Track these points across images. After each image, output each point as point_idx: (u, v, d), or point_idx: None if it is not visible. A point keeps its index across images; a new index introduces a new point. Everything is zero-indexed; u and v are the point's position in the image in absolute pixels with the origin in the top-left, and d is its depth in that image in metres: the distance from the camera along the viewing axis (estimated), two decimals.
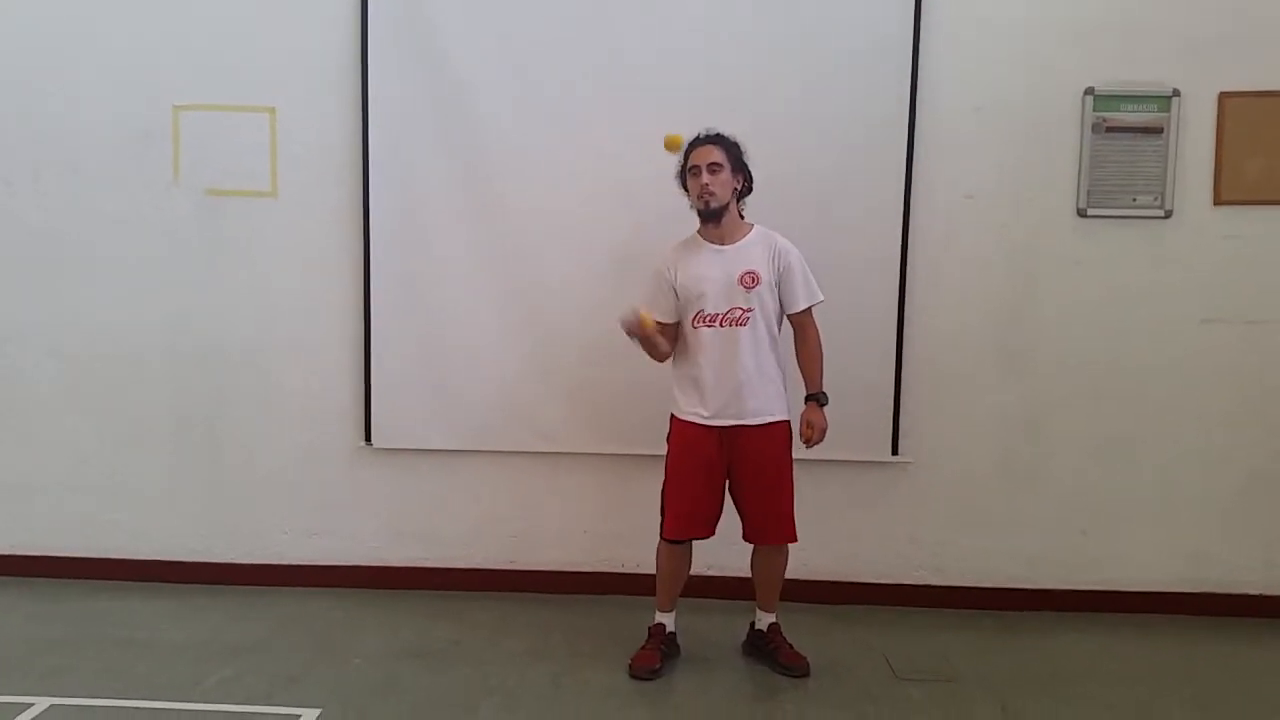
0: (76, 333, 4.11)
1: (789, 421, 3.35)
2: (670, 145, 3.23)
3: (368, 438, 4.06)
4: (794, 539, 3.35)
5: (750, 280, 3.25)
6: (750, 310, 3.25)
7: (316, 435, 4.10)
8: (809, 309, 3.35)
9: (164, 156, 4.02)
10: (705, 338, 3.27)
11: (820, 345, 3.37)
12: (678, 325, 3.36)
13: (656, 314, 3.30)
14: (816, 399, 3.35)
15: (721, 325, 3.26)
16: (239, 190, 4.02)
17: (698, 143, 3.31)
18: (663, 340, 3.31)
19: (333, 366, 4.07)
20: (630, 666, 3.35)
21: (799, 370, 3.39)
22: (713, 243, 3.32)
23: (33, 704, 3.04)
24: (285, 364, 4.08)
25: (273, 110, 3.99)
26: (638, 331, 3.22)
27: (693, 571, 3.47)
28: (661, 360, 3.37)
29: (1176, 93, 3.80)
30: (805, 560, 3.79)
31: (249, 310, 4.07)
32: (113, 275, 4.08)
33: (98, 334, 4.10)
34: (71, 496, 4.17)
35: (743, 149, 3.33)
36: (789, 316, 3.36)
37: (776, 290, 3.31)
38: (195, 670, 3.32)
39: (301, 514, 4.14)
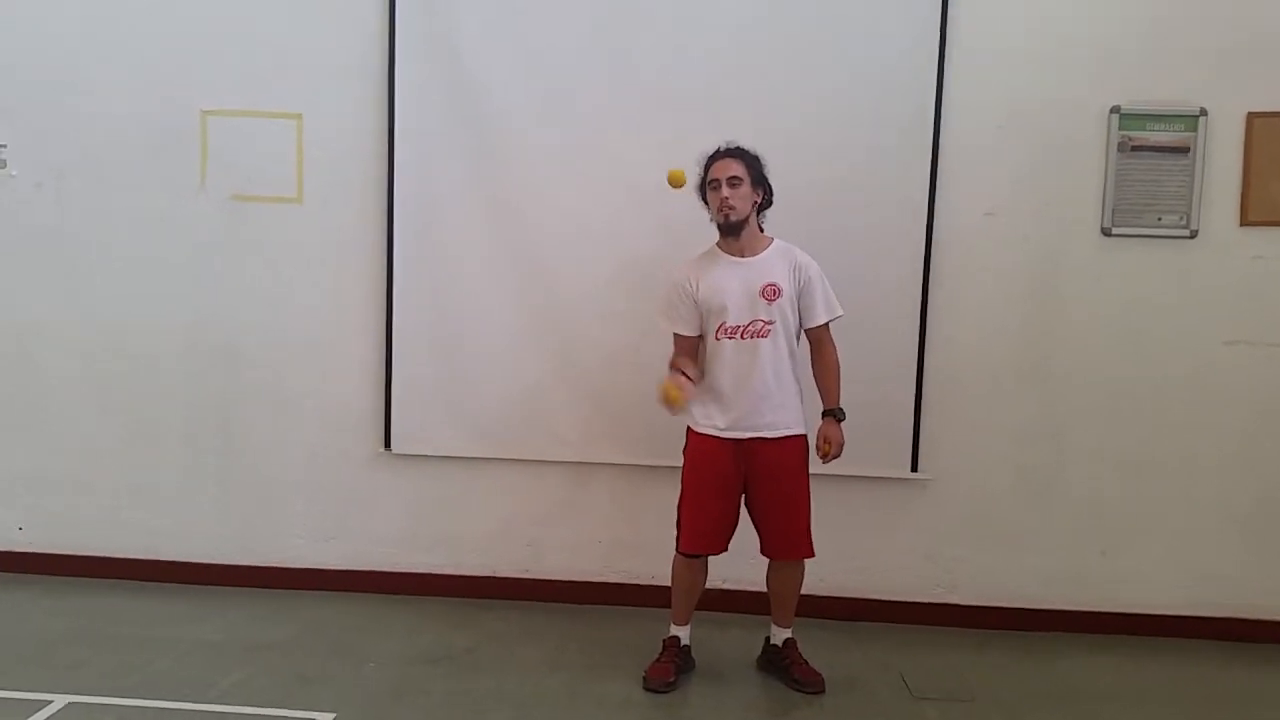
0: (99, 334, 4.14)
1: (806, 436, 3.34)
2: (674, 181, 3.23)
3: (387, 443, 4.07)
4: (810, 554, 3.34)
5: (772, 292, 3.25)
6: (772, 323, 3.25)
7: (336, 440, 4.12)
8: (827, 324, 3.34)
9: (190, 161, 4.06)
10: (727, 349, 3.27)
11: (837, 360, 3.36)
12: (699, 338, 3.36)
13: (680, 328, 3.33)
14: (834, 414, 3.34)
15: (743, 337, 3.26)
16: (264, 196, 4.05)
17: (718, 156, 3.31)
18: (694, 375, 3.28)
19: (353, 372, 4.09)
20: (644, 679, 3.34)
21: (815, 385, 3.38)
22: (733, 255, 3.32)
23: (51, 701, 3.06)
24: (306, 368, 4.10)
25: (299, 117, 4.02)
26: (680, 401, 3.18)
27: (708, 585, 3.46)
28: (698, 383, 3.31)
29: (1204, 112, 3.78)
30: (822, 576, 3.77)
31: (271, 315, 4.09)
32: (136, 278, 4.11)
33: (120, 336, 4.13)
34: (90, 495, 4.20)
35: (763, 162, 3.33)
36: (807, 331, 3.35)
37: (796, 304, 3.30)
38: (211, 671, 3.33)
39: (319, 518, 4.16)
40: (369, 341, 4.07)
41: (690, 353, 3.35)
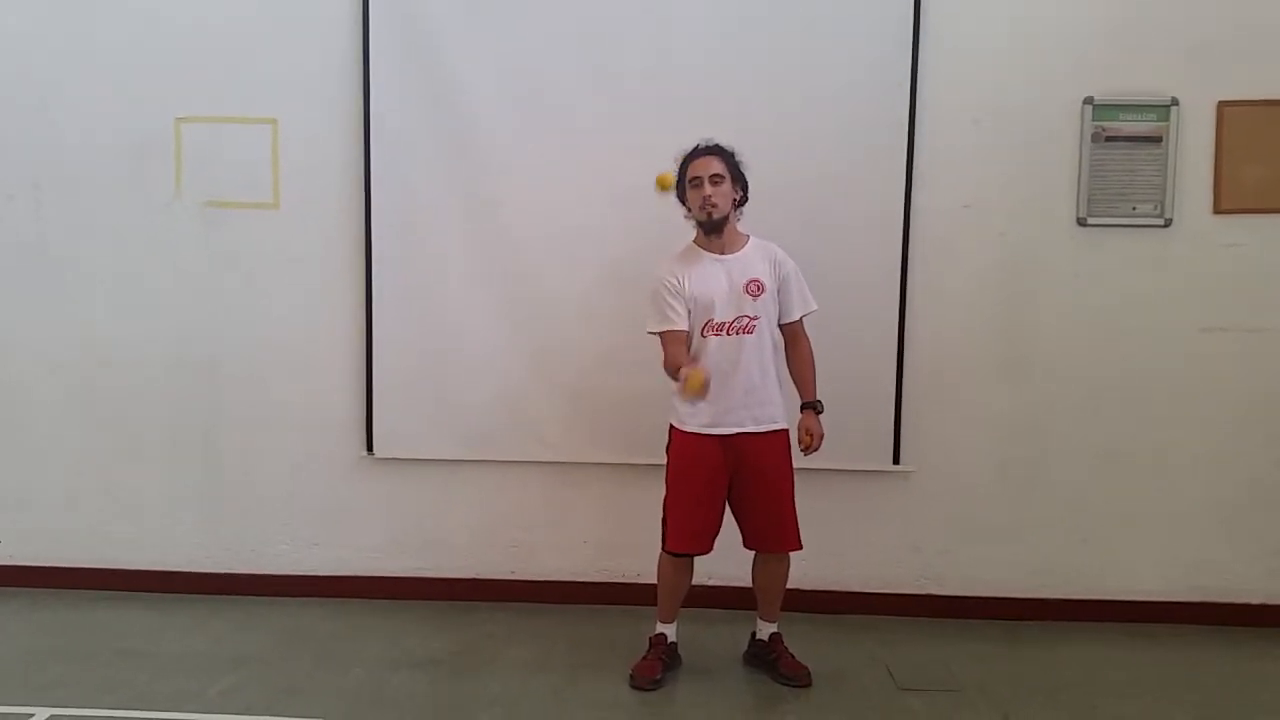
0: (77, 343, 4.11)
1: (788, 429, 3.35)
2: (663, 185, 3.24)
3: (369, 447, 4.06)
4: (798, 546, 3.35)
5: (756, 288, 3.26)
6: (757, 318, 3.26)
7: (318, 445, 4.10)
8: (802, 318, 3.36)
9: (165, 168, 4.03)
10: (713, 346, 3.27)
11: (812, 353, 3.39)
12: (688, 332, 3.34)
13: (677, 324, 3.26)
14: (813, 407, 3.36)
15: (729, 334, 3.26)
16: (240, 202, 4.03)
17: (698, 153, 3.31)
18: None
19: (334, 376, 4.07)
20: (631, 677, 3.35)
21: (791, 379, 3.40)
22: (713, 253, 3.33)
23: (33, 715, 3.04)
24: (286, 374, 4.08)
25: (274, 122, 4.00)
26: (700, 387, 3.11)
27: (694, 581, 3.46)
28: None
29: (1175, 102, 3.81)
30: (806, 570, 3.78)
31: (250, 321, 4.07)
32: (113, 287, 4.09)
33: (98, 344, 4.11)
34: (72, 507, 4.17)
35: (740, 159, 3.34)
36: (782, 326, 3.37)
37: (776, 299, 3.32)
38: (196, 681, 3.32)
39: (303, 524, 4.14)
40: (349, 345, 4.05)
41: (686, 346, 3.30)
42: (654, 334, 3.33)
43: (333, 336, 4.06)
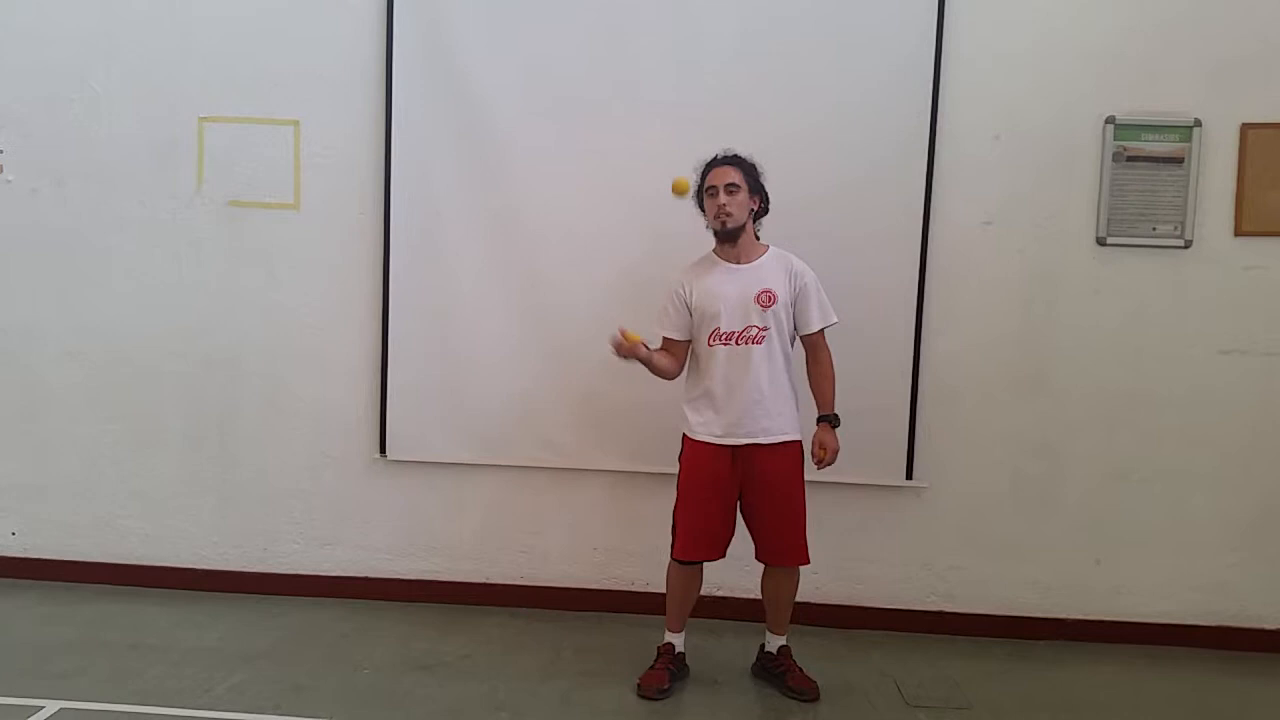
0: (95, 339, 4.15)
1: (801, 442, 3.35)
2: (679, 189, 3.25)
3: (382, 449, 4.08)
4: (806, 561, 3.34)
5: (767, 299, 3.26)
6: (766, 329, 3.26)
7: (331, 446, 4.12)
8: (822, 330, 3.36)
9: (188, 167, 4.07)
10: (720, 356, 3.28)
11: (832, 366, 3.38)
12: (688, 344, 3.38)
13: (669, 331, 3.35)
14: (829, 420, 3.35)
15: (737, 343, 3.27)
16: (261, 202, 4.06)
17: (715, 163, 3.33)
18: (660, 356, 3.34)
19: (349, 378, 4.09)
20: (639, 686, 3.34)
21: (810, 391, 3.39)
22: (729, 262, 3.33)
23: (43, 707, 3.06)
24: (302, 374, 4.11)
25: (296, 123, 4.03)
26: (626, 351, 3.22)
27: (703, 592, 3.46)
28: (669, 377, 3.39)
29: (1198, 123, 3.80)
30: (817, 584, 3.78)
31: (267, 320, 4.10)
32: (134, 283, 4.12)
33: (117, 340, 4.14)
34: (85, 501, 4.20)
35: (760, 170, 3.35)
36: (802, 337, 3.37)
37: (792, 310, 3.32)
38: (205, 677, 3.33)
39: (314, 524, 4.16)
40: (365, 347, 4.07)
41: (673, 356, 3.38)
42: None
43: (349, 338, 4.08)
